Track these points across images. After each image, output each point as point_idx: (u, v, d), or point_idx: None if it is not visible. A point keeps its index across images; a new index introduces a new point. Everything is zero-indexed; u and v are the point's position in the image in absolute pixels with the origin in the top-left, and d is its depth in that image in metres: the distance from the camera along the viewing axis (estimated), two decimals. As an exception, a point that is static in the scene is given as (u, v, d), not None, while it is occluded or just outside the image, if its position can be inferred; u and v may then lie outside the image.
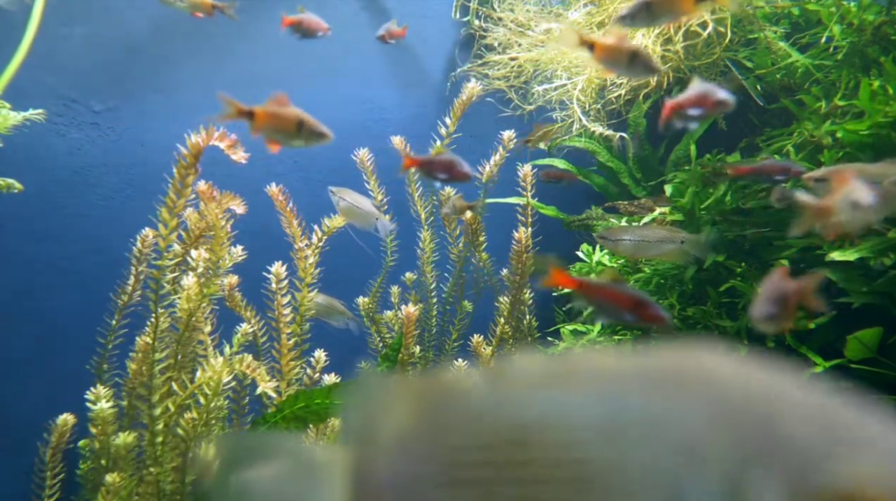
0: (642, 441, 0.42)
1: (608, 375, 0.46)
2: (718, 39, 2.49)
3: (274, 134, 1.59)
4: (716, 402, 0.42)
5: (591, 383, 0.45)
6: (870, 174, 1.67)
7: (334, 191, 2.18)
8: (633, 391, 0.44)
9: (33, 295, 2.55)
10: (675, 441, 0.42)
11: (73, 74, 2.69)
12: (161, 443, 1.86)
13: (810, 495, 0.39)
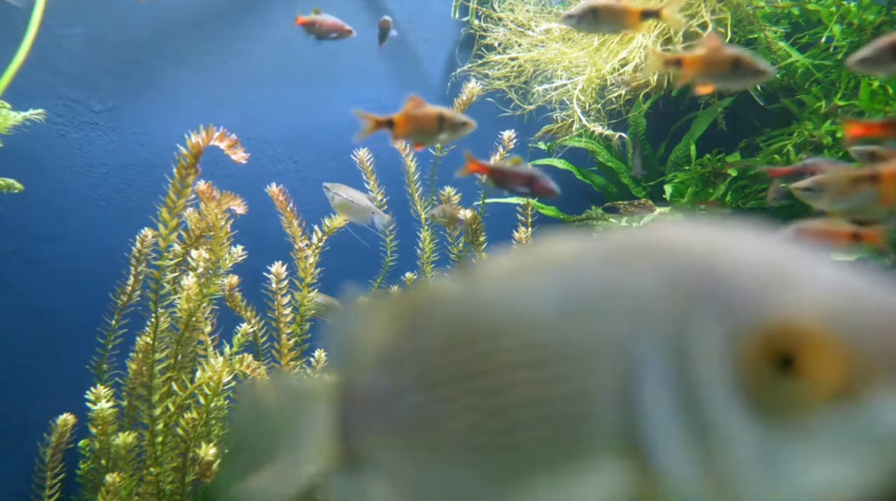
0: (593, 314, 0.44)
1: (567, 258, 0.47)
2: (718, 39, 2.49)
3: (417, 136, 1.60)
4: (660, 263, 0.43)
5: (551, 268, 0.47)
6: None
7: (328, 186, 2.18)
8: (587, 268, 0.45)
9: (33, 295, 2.55)
10: (622, 308, 0.43)
11: (73, 74, 2.69)
12: (161, 443, 1.86)
13: (748, 330, 0.39)
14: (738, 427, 0.39)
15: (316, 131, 2.93)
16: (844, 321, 0.38)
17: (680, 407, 0.40)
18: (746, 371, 0.39)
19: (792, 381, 0.38)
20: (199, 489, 1.84)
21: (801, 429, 0.39)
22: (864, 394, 0.37)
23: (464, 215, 2.51)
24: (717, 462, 0.40)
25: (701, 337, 0.40)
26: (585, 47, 2.68)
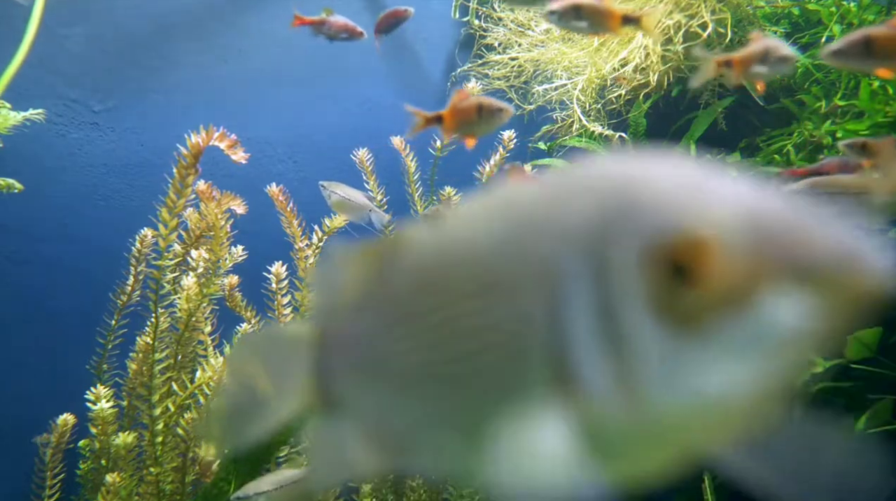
0: (526, 243, 0.47)
1: (512, 196, 0.51)
2: (718, 39, 2.49)
3: (462, 128, 1.60)
4: (585, 189, 0.46)
5: (496, 207, 0.51)
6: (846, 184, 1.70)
7: (325, 185, 2.18)
8: (525, 201, 0.49)
9: (33, 295, 2.55)
10: (551, 233, 0.45)
11: (73, 74, 2.69)
12: (161, 443, 1.86)
13: (651, 244, 0.41)
14: (647, 338, 0.41)
15: (316, 131, 2.93)
16: (736, 230, 0.40)
17: (599, 323, 0.43)
18: (652, 283, 0.41)
19: (690, 290, 0.40)
20: (199, 488, 1.84)
21: (700, 337, 0.40)
22: (753, 299, 0.39)
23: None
24: (629, 373, 0.42)
25: (616, 254, 0.43)
26: (585, 47, 2.68)
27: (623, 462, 0.47)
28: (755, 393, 0.41)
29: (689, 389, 0.41)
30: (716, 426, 0.44)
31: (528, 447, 0.44)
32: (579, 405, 0.44)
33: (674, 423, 0.43)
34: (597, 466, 0.45)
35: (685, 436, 0.45)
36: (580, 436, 0.44)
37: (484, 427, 0.47)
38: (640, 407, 0.42)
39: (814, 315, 0.40)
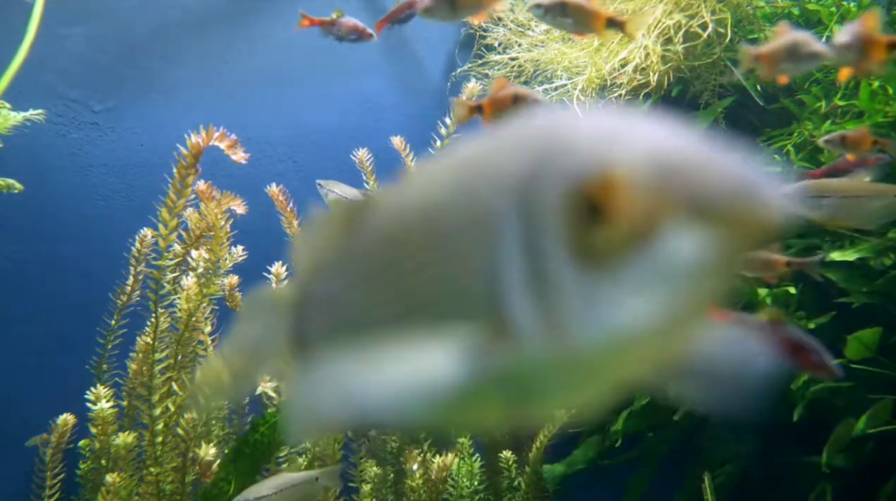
0: (470, 193, 0.49)
1: (463, 152, 0.54)
2: (718, 39, 2.49)
3: (501, 118, 1.62)
4: (520, 139, 0.49)
5: (448, 164, 0.54)
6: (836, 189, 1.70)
7: (322, 183, 2.17)
8: (472, 155, 0.52)
9: (33, 295, 2.55)
10: (489, 182, 0.48)
11: (73, 74, 2.69)
12: (161, 443, 1.86)
13: (574, 187, 0.44)
14: (567, 277, 0.44)
15: (316, 131, 2.93)
16: (641, 169, 0.42)
17: (526, 265, 0.46)
18: (570, 222, 0.44)
19: (603, 228, 0.43)
20: (199, 488, 1.84)
21: (613, 273, 0.43)
22: (656, 233, 0.42)
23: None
24: (553, 312, 0.45)
25: (540, 198, 0.45)
26: (585, 47, 2.68)
27: (554, 397, 0.50)
28: (666, 324, 0.43)
29: (606, 324, 0.43)
30: (634, 358, 0.46)
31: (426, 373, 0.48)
32: (512, 344, 0.46)
33: (596, 358, 0.45)
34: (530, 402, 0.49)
35: (608, 370, 0.47)
36: (514, 375, 0.47)
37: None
38: (565, 343, 0.45)
39: (713, 247, 0.42)
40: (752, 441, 2.33)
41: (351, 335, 0.60)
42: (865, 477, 1.97)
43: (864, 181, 1.76)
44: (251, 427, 1.70)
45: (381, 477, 2.18)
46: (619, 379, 0.50)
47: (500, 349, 0.47)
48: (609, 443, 2.42)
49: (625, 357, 0.46)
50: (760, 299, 2.04)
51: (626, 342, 0.44)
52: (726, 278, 0.44)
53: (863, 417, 1.85)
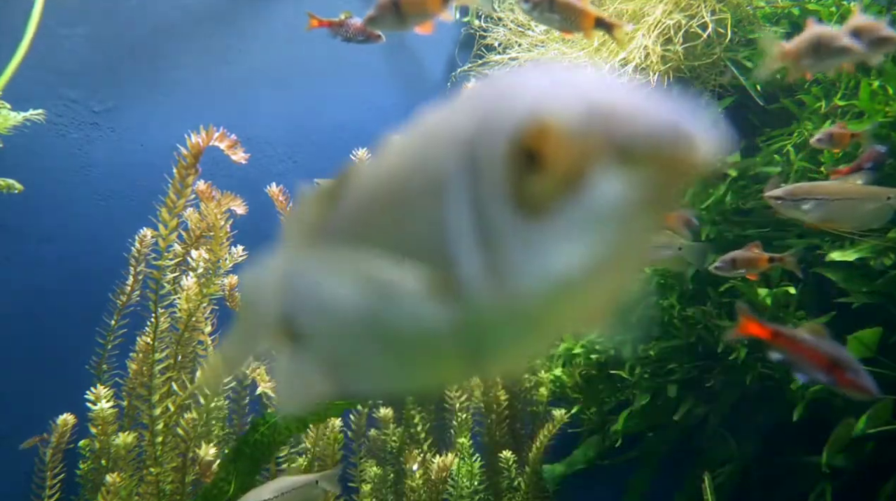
0: (428, 151, 0.51)
1: (426, 117, 0.55)
2: (718, 39, 2.49)
3: None
4: (473, 98, 0.50)
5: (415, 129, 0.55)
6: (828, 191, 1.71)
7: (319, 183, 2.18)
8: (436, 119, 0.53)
9: (33, 295, 2.55)
10: (444, 141, 0.50)
11: (73, 74, 2.69)
12: (161, 443, 1.86)
13: (511, 137, 0.45)
14: (508, 227, 0.46)
15: (316, 131, 2.93)
16: (572, 115, 0.44)
17: (472, 218, 0.47)
18: (509, 172, 0.45)
19: (538, 175, 0.44)
20: (199, 488, 1.84)
21: (548, 220, 0.45)
22: (588, 177, 0.43)
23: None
24: (495, 260, 0.47)
25: (483, 151, 0.47)
26: (585, 47, 2.68)
27: (505, 348, 0.52)
28: (601, 268, 0.45)
29: (545, 271, 0.45)
30: (574, 304, 0.48)
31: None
32: (462, 297, 0.48)
33: (538, 305, 0.47)
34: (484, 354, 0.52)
35: (551, 317, 0.49)
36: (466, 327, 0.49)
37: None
38: (508, 292, 0.46)
39: (641, 188, 0.43)
40: (752, 442, 2.33)
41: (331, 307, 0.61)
42: (865, 477, 1.97)
43: (857, 184, 1.76)
44: (251, 427, 1.70)
45: (381, 477, 2.18)
46: (563, 327, 0.51)
47: (451, 301, 0.49)
48: (609, 443, 2.42)
49: (565, 303, 0.47)
50: (761, 299, 2.04)
51: (564, 288, 0.45)
52: (657, 219, 0.45)
53: (863, 417, 1.85)
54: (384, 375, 0.61)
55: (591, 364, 2.40)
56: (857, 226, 1.78)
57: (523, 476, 2.23)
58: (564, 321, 0.51)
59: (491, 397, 2.28)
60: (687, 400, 2.27)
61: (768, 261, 1.78)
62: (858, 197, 1.72)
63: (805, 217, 1.70)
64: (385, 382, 0.64)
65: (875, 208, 1.68)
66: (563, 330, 0.53)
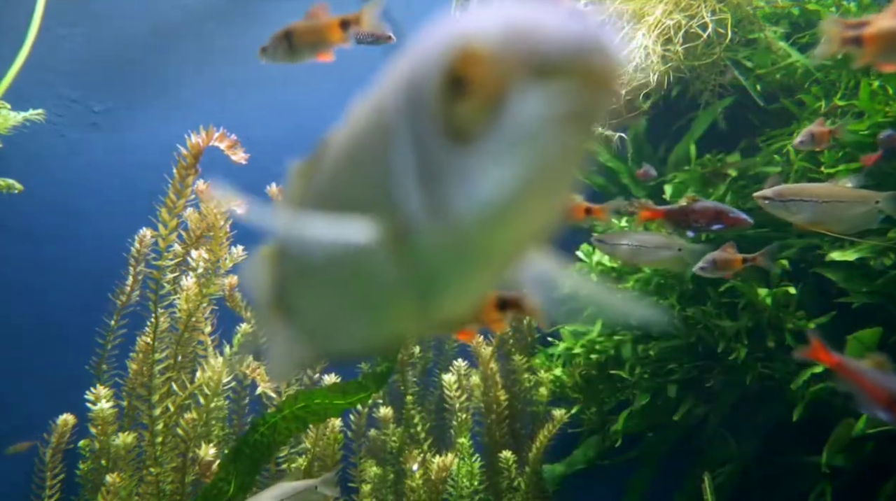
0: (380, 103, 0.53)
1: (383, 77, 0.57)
2: (718, 39, 2.49)
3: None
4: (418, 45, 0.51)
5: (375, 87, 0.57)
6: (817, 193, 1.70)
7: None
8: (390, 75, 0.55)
9: (33, 295, 2.55)
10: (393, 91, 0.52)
11: (73, 74, 2.69)
12: (161, 443, 1.86)
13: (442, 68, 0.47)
14: (443, 156, 0.47)
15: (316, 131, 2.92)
16: (492, 38, 0.45)
17: (414, 155, 0.49)
18: (441, 102, 0.47)
19: (465, 100, 0.45)
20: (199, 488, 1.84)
21: (479, 145, 0.46)
22: (510, 97, 0.44)
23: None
24: (435, 193, 0.48)
25: (421, 86, 0.48)
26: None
27: (455, 286, 0.54)
28: (531, 187, 0.46)
29: (479, 196, 0.46)
30: (512, 229, 0.49)
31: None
32: (409, 242, 0.50)
33: (477, 233, 0.48)
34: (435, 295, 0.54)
35: (492, 247, 0.50)
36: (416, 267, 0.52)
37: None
38: (450, 225, 0.48)
39: (560, 101, 0.44)
40: (752, 442, 2.33)
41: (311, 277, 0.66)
42: (865, 477, 1.97)
43: (846, 187, 1.76)
44: (251, 427, 1.70)
45: (381, 477, 2.18)
46: (504, 255, 0.53)
47: (400, 248, 0.51)
48: (609, 443, 2.42)
49: (502, 227, 0.48)
50: (761, 299, 2.04)
51: (500, 210, 0.46)
52: (582, 134, 0.46)
53: (863, 417, 1.85)
54: (353, 332, 0.65)
55: (591, 364, 2.40)
56: (846, 229, 1.78)
57: (523, 476, 2.23)
58: (504, 248, 0.51)
59: (491, 397, 2.28)
60: (687, 400, 2.27)
61: (742, 262, 1.79)
62: (847, 200, 1.72)
63: (793, 218, 1.70)
64: (354, 339, 0.67)
65: (864, 212, 1.68)
66: (504, 260, 0.53)
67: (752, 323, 2.09)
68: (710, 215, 1.66)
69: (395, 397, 2.42)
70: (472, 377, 2.27)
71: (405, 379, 2.41)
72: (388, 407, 2.27)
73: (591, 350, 2.39)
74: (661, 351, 2.26)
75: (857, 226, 1.73)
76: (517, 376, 2.43)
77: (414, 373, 2.47)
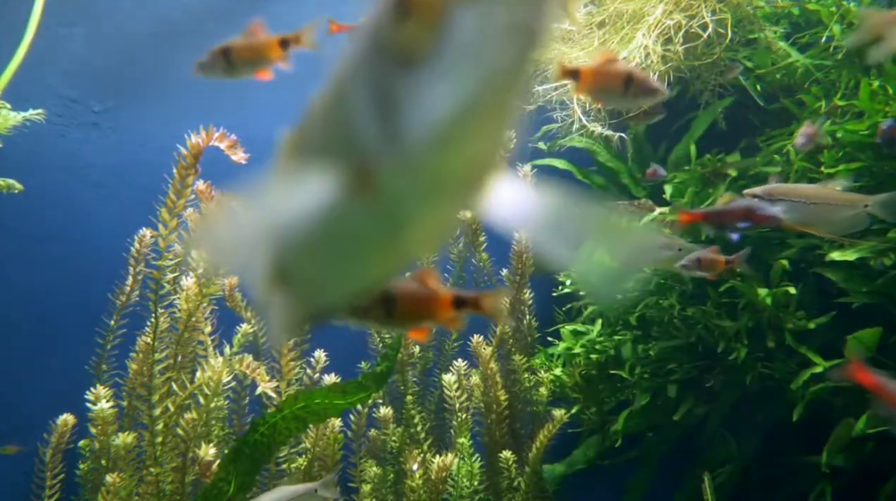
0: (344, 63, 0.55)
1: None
2: (718, 39, 2.49)
3: (602, 95, 1.41)
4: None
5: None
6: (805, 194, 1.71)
7: None
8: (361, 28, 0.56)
9: (33, 295, 2.55)
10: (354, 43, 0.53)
11: (73, 74, 2.69)
12: (161, 443, 1.86)
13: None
14: (395, 83, 0.48)
15: (316, 131, 2.92)
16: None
17: (369, 88, 0.50)
18: (387, 29, 0.48)
19: (410, 23, 0.46)
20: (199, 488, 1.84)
21: (425, 66, 0.46)
22: (450, 14, 0.44)
23: (463, 215, 2.51)
24: (390, 121, 0.49)
25: (376, 29, 0.49)
26: (585, 47, 2.68)
27: (419, 219, 0.55)
28: (485, 104, 0.47)
29: (431, 117, 0.47)
30: (467, 149, 0.50)
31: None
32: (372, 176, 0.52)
33: (433, 155, 0.49)
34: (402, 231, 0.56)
35: (449, 170, 0.51)
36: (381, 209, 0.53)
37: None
38: (406, 152, 0.49)
39: (504, 12, 0.44)
40: (752, 442, 2.33)
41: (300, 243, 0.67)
42: (865, 477, 1.97)
43: (836, 189, 1.76)
44: (251, 427, 1.70)
45: (381, 477, 2.18)
46: (463, 180, 0.54)
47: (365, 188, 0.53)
48: (609, 443, 2.42)
49: (456, 148, 0.49)
50: (761, 299, 2.04)
51: (450, 129, 0.47)
52: (523, 43, 0.47)
53: (863, 417, 1.85)
54: (338, 281, 0.68)
55: (591, 364, 2.40)
56: (833, 231, 1.79)
57: (523, 476, 2.23)
58: (461, 170, 0.52)
59: (491, 397, 2.28)
60: (687, 400, 2.27)
61: (725, 264, 1.80)
62: (836, 202, 1.73)
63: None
64: (341, 288, 0.70)
65: (852, 215, 1.68)
66: (463, 184, 0.54)
67: (752, 323, 2.09)
68: (740, 214, 1.64)
69: (395, 397, 2.42)
70: (472, 377, 2.27)
71: (405, 379, 2.41)
72: (388, 407, 2.27)
73: (591, 350, 2.39)
74: (661, 351, 2.26)
75: (846, 229, 1.74)
76: (517, 376, 2.43)
77: (414, 373, 2.47)
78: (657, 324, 2.28)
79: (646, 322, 2.32)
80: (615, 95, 1.38)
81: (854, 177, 1.95)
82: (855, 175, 1.95)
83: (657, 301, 2.25)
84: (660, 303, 2.24)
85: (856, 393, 1.92)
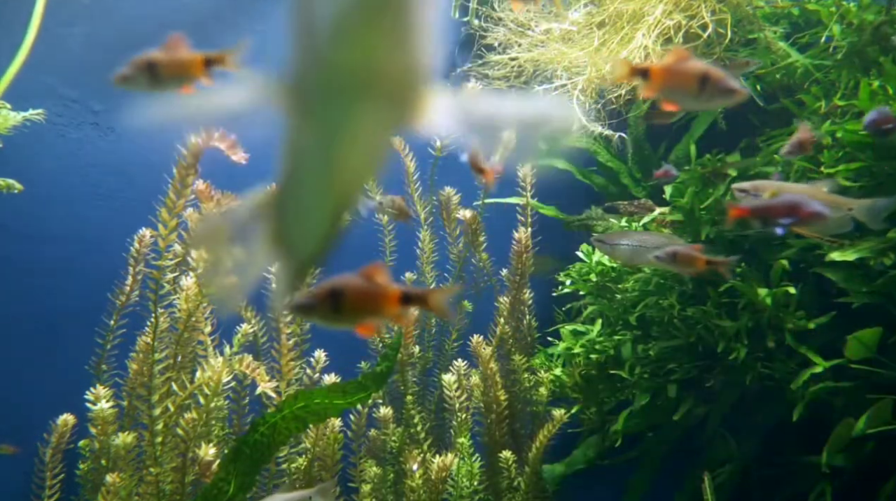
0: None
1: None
2: (718, 39, 2.49)
3: (674, 95, 1.31)
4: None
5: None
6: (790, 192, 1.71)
7: None
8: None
9: (33, 295, 2.55)
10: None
11: (73, 74, 2.69)
12: (161, 443, 1.86)
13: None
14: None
15: (316, 131, 2.92)
16: None
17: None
18: None
19: None
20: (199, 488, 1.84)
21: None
22: None
23: (463, 215, 2.51)
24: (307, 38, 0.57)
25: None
26: (585, 47, 2.68)
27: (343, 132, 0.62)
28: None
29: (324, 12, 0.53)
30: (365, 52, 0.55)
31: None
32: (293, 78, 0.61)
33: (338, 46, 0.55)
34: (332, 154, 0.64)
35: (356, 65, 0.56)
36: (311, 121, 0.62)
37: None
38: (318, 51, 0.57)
39: None
40: (752, 442, 2.33)
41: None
42: (865, 477, 1.97)
43: (822, 191, 1.76)
44: (251, 427, 1.70)
45: (380, 477, 2.18)
46: (369, 81, 0.57)
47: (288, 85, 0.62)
48: (609, 443, 2.42)
49: (353, 38, 0.54)
50: (761, 299, 2.04)
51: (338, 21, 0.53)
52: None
53: (863, 417, 1.85)
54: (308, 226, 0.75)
55: (591, 364, 2.40)
56: (816, 232, 1.79)
57: (523, 476, 2.23)
58: (360, 66, 0.57)
59: (491, 397, 2.28)
60: (687, 400, 2.27)
61: (706, 264, 1.79)
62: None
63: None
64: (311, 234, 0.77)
65: (837, 218, 1.68)
66: (371, 84, 0.58)
67: (752, 323, 2.09)
68: (785, 209, 1.59)
69: (395, 397, 2.42)
70: (472, 377, 2.27)
71: (405, 379, 2.41)
72: (388, 407, 2.27)
73: (591, 350, 2.39)
74: (661, 351, 2.26)
75: (829, 230, 1.75)
76: (517, 376, 2.43)
77: (414, 373, 2.47)
78: (657, 324, 2.28)
79: (646, 322, 2.32)
80: (689, 96, 1.29)
81: (854, 176, 1.95)
82: (855, 175, 1.95)
83: (657, 301, 2.25)
84: (660, 303, 2.24)
85: (856, 392, 1.92)
